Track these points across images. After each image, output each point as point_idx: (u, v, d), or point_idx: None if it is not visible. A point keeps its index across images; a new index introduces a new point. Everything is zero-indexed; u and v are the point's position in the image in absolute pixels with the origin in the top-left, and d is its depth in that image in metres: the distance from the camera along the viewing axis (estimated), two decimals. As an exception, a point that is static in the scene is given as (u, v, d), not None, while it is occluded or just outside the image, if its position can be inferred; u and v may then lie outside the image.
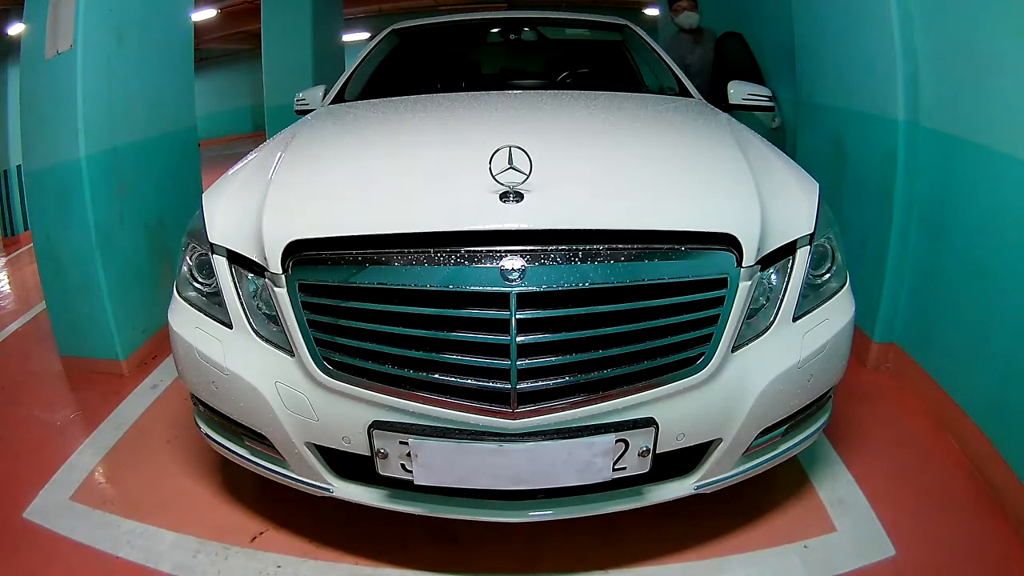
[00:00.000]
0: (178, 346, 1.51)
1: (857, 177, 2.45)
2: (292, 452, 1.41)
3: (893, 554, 1.54)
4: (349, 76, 2.64)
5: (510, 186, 1.29)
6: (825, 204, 1.52)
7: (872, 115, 2.29)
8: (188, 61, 2.97)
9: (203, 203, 1.56)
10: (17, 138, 4.59)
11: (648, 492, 1.41)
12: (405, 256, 1.26)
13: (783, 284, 1.42)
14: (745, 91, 2.38)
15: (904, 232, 2.21)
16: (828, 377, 1.48)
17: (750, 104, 2.34)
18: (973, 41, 1.82)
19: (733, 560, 1.53)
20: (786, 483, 1.78)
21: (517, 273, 1.21)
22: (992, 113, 1.76)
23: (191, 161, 3.03)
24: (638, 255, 1.26)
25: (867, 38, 2.28)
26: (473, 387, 1.26)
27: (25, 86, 2.39)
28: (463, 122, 1.93)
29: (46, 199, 2.40)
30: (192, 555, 1.59)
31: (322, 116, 2.17)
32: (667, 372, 1.29)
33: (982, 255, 1.83)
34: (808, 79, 2.86)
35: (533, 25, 3.27)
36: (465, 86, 2.72)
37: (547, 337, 1.23)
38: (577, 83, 2.79)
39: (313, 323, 1.31)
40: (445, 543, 1.60)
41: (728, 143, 1.67)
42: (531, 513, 1.37)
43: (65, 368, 2.58)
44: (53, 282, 2.49)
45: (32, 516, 1.75)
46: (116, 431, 2.14)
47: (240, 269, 1.43)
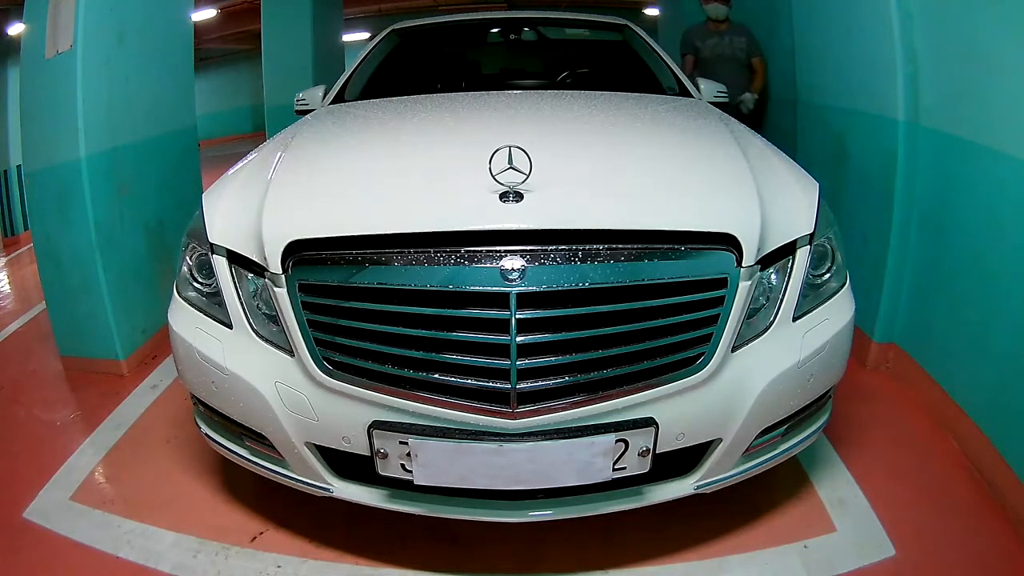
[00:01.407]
0: (178, 346, 1.51)
1: (857, 177, 2.45)
2: (292, 452, 1.41)
3: (893, 554, 1.54)
4: (349, 76, 2.64)
5: (510, 186, 1.29)
6: (825, 204, 1.52)
7: (872, 115, 2.29)
8: (188, 61, 2.97)
9: (203, 203, 1.56)
10: (17, 138, 4.59)
11: (648, 492, 1.41)
12: (405, 256, 1.26)
13: (783, 284, 1.42)
14: (714, 90, 2.43)
15: (904, 232, 2.21)
16: (828, 377, 1.48)
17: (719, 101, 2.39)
18: (973, 41, 1.82)
19: (733, 560, 1.53)
20: (786, 483, 1.78)
21: (517, 273, 1.21)
22: (992, 113, 1.76)
23: (191, 161, 3.03)
24: (638, 255, 1.26)
25: (867, 38, 2.28)
26: (473, 387, 1.26)
27: (25, 86, 2.39)
28: (463, 122, 1.93)
29: (46, 199, 2.39)
30: (192, 555, 1.59)
31: (322, 116, 2.17)
32: (667, 372, 1.29)
33: (982, 255, 1.83)
34: (808, 79, 2.86)
35: (533, 25, 3.27)
36: (465, 86, 2.72)
37: (547, 337, 1.23)
38: (577, 83, 2.78)
39: (313, 323, 1.31)
40: (445, 543, 1.60)
41: (728, 143, 1.67)
42: (531, 513, 1.37)
43: (65, 368, 2.58)
44: (53, 282, 2.49)
45: (32, 516, 1.75)
46: (116, 431, 2.14)
47: (240, 269, 1.43)
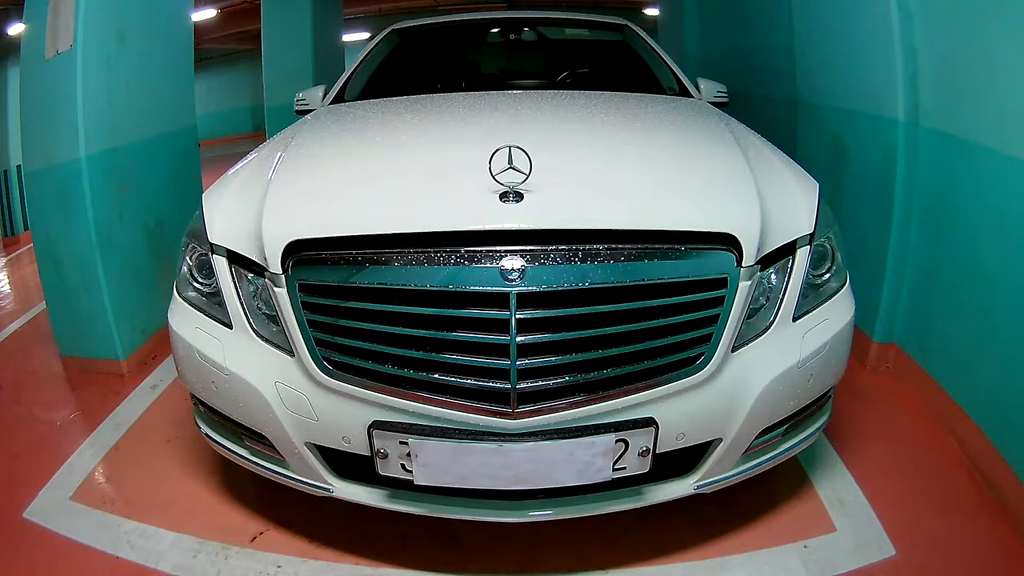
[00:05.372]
0: (178, 346, 1.51)
1: (857, 177, 2.45)
2: (292, 452, 1.41)
3: (893, 554, 1.54)
4: (349, 76, 2.64)
5: (510, 186, 1.29)
6: (825, 204, 1.52)
7: (872, 115, 2.29)
8: (188, 61, 2.97)
9: (203, 203, 1.56)
10: (17, 138, 4.59)
11: (648, 492, 1.41)
12: (405, 256, 1.26)
13: (783, 284, 1.42)
14: (714, 90, 2.44)
15: (904, 232, 2.21)
16: (828, 377, 1.48)
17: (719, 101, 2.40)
18: (973, 41, 1.82)
19: (733, 560, 1.53)
20: (786, 483, 1.78)
21: (517, 273, 1.21)
22: (992, 113, 1.76)
23: (191, 161, 3.03)
24: (638, 255, 1.26)
25: (867, 38, 2.28)
26: (473, 387, 1.26)
27: (25, 86, 2.38)
28: (463, 122, 1.93)
29: (46, 199, 2.39)
30: (192, 555, 1.59)
31: (322, 116, 2.17)
32: (667, 372, 1.29)
33: (982, 255, 1.83)
34: (808, 79, 2.86)
35: (533, 25, 3.26)
36: (465, 86, 2.72)
37: (547, 337, 1.23)
38: (577, 83, 2.78)
39: (313, 323, 1.31)
40: (445, 543, 1.60)
41: (728, 142, 1.67)
42: (531, 513, 1.37)
43: (65, 368, 2.59)
44: (53, 282, 2.49)
45: (32, 516, 1.75)
46: (116, 431, 2.14)
47: (240, 269, 1.43)
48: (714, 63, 4.84)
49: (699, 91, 2.44)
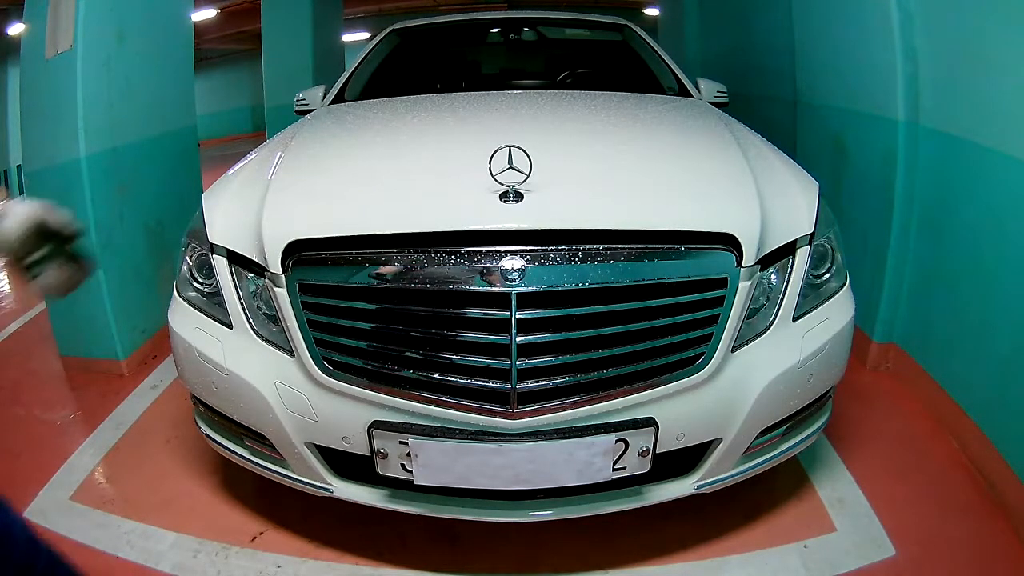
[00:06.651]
0: (178, 346, 1.51)
1: (857, 177, 2.45)
2: (292, 452, 1.41)
3: (893, 554, 1.54)
4: (349, 76, 2.64)
5: (510, 186, 1.29)
6: (825, 204, 1.52)
7: (872, 115, 2.29)
8: (188, 61, 2.97)
9: (203, 203, 1.56)
10: (17, 138, 4.59)
11: (648, 492, 1.41)
12: (405, 256, 1.26)
13: (783, 284, 1.42)
14: (714, 90, 2.44)
15: (904, 232, 2.21)
16: (828, 377, 1.48)
17: (719, 101, 2.40)
18: (973, 41, 1.82)
19: (733, 560, 1.53)
20: (786, 483, 1.78)
21: (517, 273, 1.21)
22: (992, 113, 1.76)
23: (191, 161, 3.02)
24: (638, 255, 1.26)
25: (867, 38, 2.28)
26: (473, 387, 1.26)
27: (25, 86, 2.38)
28: (463, 122, 1.93)
29: (46, 199, 2.38)
30: (192, 555, 1.59)
31: (322, 116, 2.17)
32: (667, 372, 1.29)
33: (982, 255, 1.83)
34: (808, 79, 2.86)
35: (533, 25, 3.26)
36: (465, 86, 2.72)
37: (547, 337, 1.23)
38: (577, 83, 2.78)
39: (313, 323, 1.31)
40: (445, 543, 1.60)
41: (728, 142, 1.67)
42: (531, 513, 1.37)
43: (65, 368, 2.58)
44: (53, 282, 2.48)
45: (32, 516, 1.75)
46: (116, 431, 2.14)
47: (240, 269, 1.43)
48: (714, 63, 4.84)
49: (699, 91, 2.44)
